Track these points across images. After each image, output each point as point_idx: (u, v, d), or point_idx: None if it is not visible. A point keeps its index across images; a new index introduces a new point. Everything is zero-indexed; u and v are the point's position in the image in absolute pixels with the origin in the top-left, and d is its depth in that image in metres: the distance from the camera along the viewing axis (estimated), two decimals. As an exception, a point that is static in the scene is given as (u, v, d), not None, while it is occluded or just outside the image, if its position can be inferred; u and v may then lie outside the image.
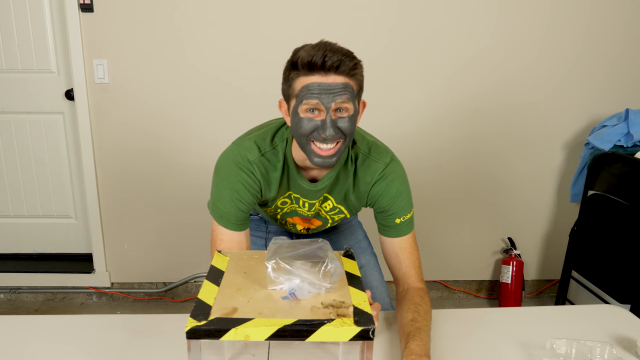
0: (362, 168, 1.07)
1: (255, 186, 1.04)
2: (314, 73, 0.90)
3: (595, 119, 2.29)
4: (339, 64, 0.89)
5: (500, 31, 2.17)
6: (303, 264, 0.84)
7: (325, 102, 0.90)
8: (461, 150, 2.31)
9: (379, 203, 1.08)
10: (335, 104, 0.91)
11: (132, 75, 2.17)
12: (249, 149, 1.03)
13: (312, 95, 0.90)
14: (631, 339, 1.01)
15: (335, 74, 0.90)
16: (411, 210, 1.09)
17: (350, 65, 0.90)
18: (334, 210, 1.14)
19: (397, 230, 1.08)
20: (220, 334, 0.73)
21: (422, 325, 0.94)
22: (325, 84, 0.90)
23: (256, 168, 1.03)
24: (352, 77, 0.92)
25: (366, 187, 1.07)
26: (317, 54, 0.89)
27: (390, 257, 1.11)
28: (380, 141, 1.12)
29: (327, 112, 0.91)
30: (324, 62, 0.89)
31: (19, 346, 0.95)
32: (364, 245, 1.35)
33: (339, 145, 0.95)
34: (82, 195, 2.42)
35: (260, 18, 2.11)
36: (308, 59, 0.89)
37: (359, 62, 0.94)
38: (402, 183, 1.07)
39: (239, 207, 1.04)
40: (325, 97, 0.90)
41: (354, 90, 0.93)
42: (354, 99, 0.93)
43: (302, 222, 1.21)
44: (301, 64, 0.90)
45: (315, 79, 0.90)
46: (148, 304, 2.44)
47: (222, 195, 1.04)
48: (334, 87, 0.90)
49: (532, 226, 2.46)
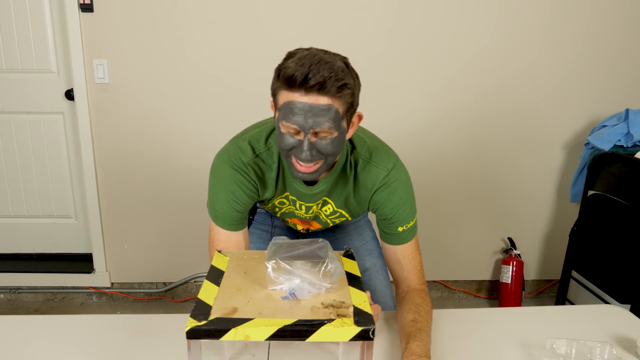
0: (362, 173, 1.03)
1: (251, 187, 1.03)
2: (295, 90, 0.83)
3: (595, 119, 2.29)
4: (321, 85, 0.81)
5: (500, 31, 2.17)
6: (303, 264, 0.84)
7: (304, 127, 0.84)
8: (461, 151, 2.31)
9: (381, 211, 1.05)
10: (314, 130, 0.84)
11: (132, 75, 2.17)
12: (243, 150, 1.01)
13: (292, 115, 0.84)
14: (631, 339, 1.01)
15: (317, 94, 0.82)
16: (414, 217, 1.06)
17: (335, 86, 0.82)
18: (335, 214, 1.12)
19: (399, 238, 1.06)
20: (220, 334, 0.73)
21: (422, 325, 0.94)
22: (306, 105, 0.82)
23: (250, 169, 1.01)
24: (339, 98, 0.84)
25: (367, 193, 1.04)
26: (299, 70, 0.81)
27: (392, 263, 1.10)
28: (383, 143, 1.08)
29: (305, 135, 0.85)
30: (306, 81, 0.81)
31: (19, 346, 0.95)
32: (370, 247, 1.32)
33: (319, 165, 0.91)
34: (82, 195, 2.42)
35: (261, 18, 2.11)
36: (289, 74, 0.82)
37: (348, 82, 0.84)
38: (405, 191, 1.03)
39: (234, 208, 1.04)
40: (304, 120, 0.83)
41: (339, 112, 0.85)
42: (338, 122, 0.86)
43: (301, 223, 1.20)
44: (282, 78, 0.83)
45: (296, 97, 0.83)
46: (148, 304, 2.44)
47: (218, 197, 1.03)
48: (315, 109, 0.82)
49: (532, 226, 2.46)
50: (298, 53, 0.85)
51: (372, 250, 1.32)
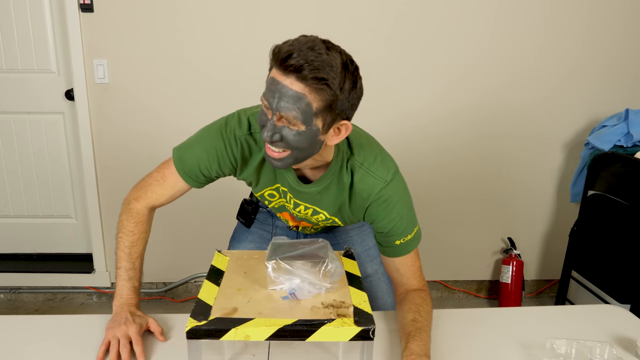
0: (360, 183, 0.98)
1: (227, 161, 1.02)
2: (277, 68, 0.80)
3: (595, 119, 2.29)
4: (298, 68, 0.77)
5: (499, 32, 2.17)
6: (303, 264, 0.84)
7: (271, 105, 0.81)
8: (461, 151, 2.31)
9: (378, 224, 1.01)
10: (279, 114, 0.81)
11: (132, 75, 2.17)
12: (242, 123, 1.01)
13: (267, 91, 0.82)
14: (631, 339, 1.01)
15: (294, 79, 0.78)
16: (413, 230, 1.01)
17: (312, 75, 0.77)
18: (327, 220, 1.09)
19: (397, 251, 1.03)
20: (220, 334, 0.73)
21: (423, 325, 0.93)
22: (280, 85, 0.79)
23: (238, 145, 1.00)
24: (315, 91, 0.79)
25: (363, 203, 1.00)
26: (286, 49, 0.78)
27: (391, 271, 1.07)
28: (385, 152, 1.02)
29: (272, 114, 0.83)
30: (286, 59, 0.78)
31: (19, 346, 0.95)
32: (373, 253, 1.29)
33: (286, 155, 0.87)
34: (82, 195, 2.42)
35: (261, 18, 2.11)
36: (277, 49, 0.80)
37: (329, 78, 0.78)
38: (403, 205, 0.99)
39: (199, 166, 1.04)
40: (272, 98, 0.81)
41: (311, 106, 0.80)
42: (308, 117, 0.80)
43: (291, 220, 1.18)
44: (271, 53, 0.81)
45: (276, 74, 0.80)
46: (148, 304, 2.44)
47: (193, 147, 1.06)
48: (286, 92, 0.79)
49: (532, 226, 2.46)
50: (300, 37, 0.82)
51: (375, 256, 1.29)
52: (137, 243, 1.10)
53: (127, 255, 1.06)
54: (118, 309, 0.99)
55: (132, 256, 1.07)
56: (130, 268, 1.04)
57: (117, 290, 1.02)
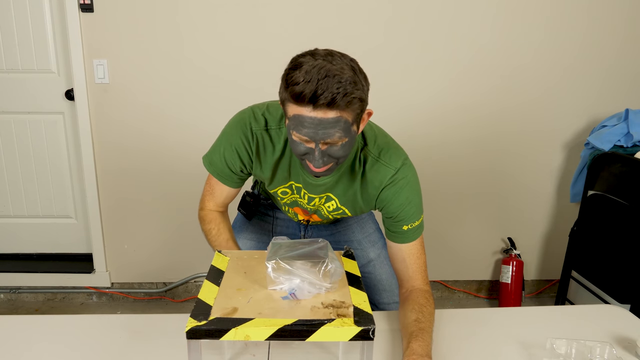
0: (371, 172, 1.04)
1: (245, 154, 1.05)
2: (304, 105, 0.83)
3: (595, 119, 2.29)
4: (331, 102, 0.81)
5: (498, 31, 2.17)
6: (303, 264, 0.84)
7: (314, 138, 0.86)
8: (461, 150, 2.31)
9: (387, 209, 1.06)
10: (323, 141, 0.86)
11: (132, 75, 2.17)
12: (258, 119, 1.04)
13: (302, 128, 0.85)
14: (631, 339, 1.01)
15: (327, 109, 0.83)
16: (420, 217, 1.06)
17: (345, 101, 0.82)
18: (337, 210, 1.13)
19: (404, 237, 1.06)
20: (220, 334, 0.73)
21: (425, 326, 0.94)
22: (315, 119, 0.83)
23: (254, 138, 1.04)
24: (350, 108, 0.84)
25: (375, 191, 1.05)
26: (307, 87, 0.81)
27: (397, 261, 1.09)
28: (394, 142, 1.09)
29: (316, 144, 0.87)
30: (315, 98, 0.81)
31: (19, 346, 0.95)
32: (374, 238, 1.33)
33: (331, 165, 0.93)
34: (82, 195, 2.42)
35: (260, 16, 2.11)
36: (298, 91, 0.81)
37: (356, 95, 0.84)
38: (412, 190, 1.04)
39: (227, 165, 1.08)
40: (314, 132, 0.85)
41: (348, 121, 0.86)
42: (348, 130, 0.87)
43: (302, 214, 1.21)
44: (291, 94, 0.83)
45: (304, 111, 0.84)
46: (148, 304, 2.44)
47: (217, 149, 1.09)
48: (325, 122, 0.84)
49: (532, 226, 2.46)
50: (304, 64, 0.83)
51: (376, 241, 1.33)
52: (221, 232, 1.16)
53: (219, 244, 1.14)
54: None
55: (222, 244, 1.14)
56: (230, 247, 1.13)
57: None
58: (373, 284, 1.30)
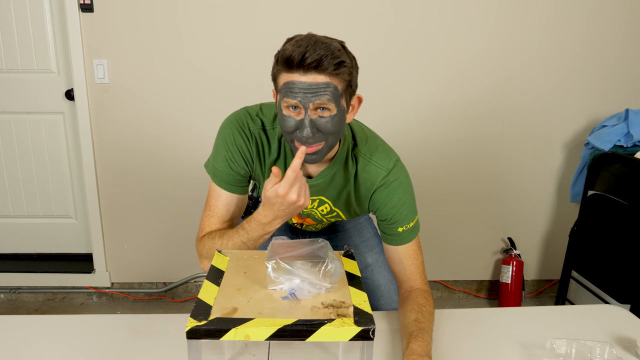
0: (363, 172, 1.04)
1: (248, 154, 1.04)
2: (294, 71, 0.87)
3: (595, 119, 2.29)
4: (318, 63, 0.85)
5: (498, 31, 2.17)
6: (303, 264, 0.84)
7: (304, 102, 0.87)
8: (461, 150, 2.31)
9: (380, 211, 1.05)
10: (314, 104, 0.87)
11: (132, 75, 2.17)
12: (253, 119, 1.04)
13: (291, 93, 0.87)
14: (631, 339, 1.01)
15: (316, 73, 0.86)
16: (414, 218, 1.06)
17: (332, 64, 0.86)
18: (332, 213, 1.12)
19: (400, 239, 1.06)
20: (220, 334, 0.73)
21: (425, 326, 0.94)
22: (304, 83, 0.86)
23: (253, 138, 1.03)
24: (336, 75, 0.88)
25: (367, 192, 1.05)
26: (296, 51, 0.85)
27: (394, 263, 1.09)
28: (385, 144, 1.09)
29: (305, 112, 0.88)
30: (303, 60, 0.85)
31: (19, 346, 0.95)
32: (371, 243, 1.32)
33: (321, 146, 0.93)
34: (82, 195, 2.42)
35: (261, 17, 2.11)
36: (287, 55, 0.86)
37: (345, 60, 0.88)
38: (404, 191, 1.04)
39: (231, 167, 1.05)
40: (304, 96, 0.87)
41: (337, 89, 0.88)
42: (337, 99, 0.89)
43: (296, 217, 1.20)
44: (281, 60, 0.87)
45: (294, 77, 0.87)
46: (148, 304, 2.44)
47: (218, 154, 1.05)
48: (314, 86, 0.86)
49: (532, 226, 2.46)
50: (296, 37, 0.89)
51: (374, 246, 1.32)
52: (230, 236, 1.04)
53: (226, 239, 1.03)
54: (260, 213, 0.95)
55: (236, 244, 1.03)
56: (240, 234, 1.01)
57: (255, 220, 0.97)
58: (371, 289, 1.29)
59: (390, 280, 1.28)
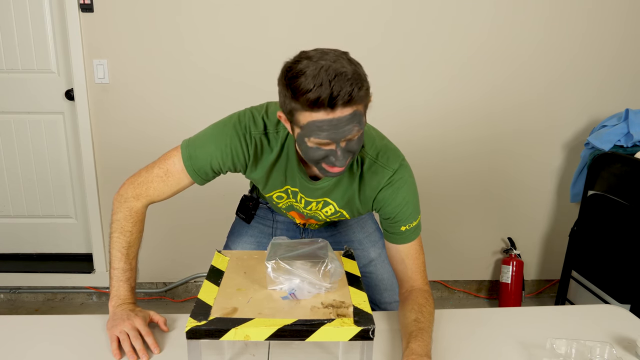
0: (368, 173, 1.03)
1: (241, 158, 1.02)
2: (320, 109, 0.81)
3: (595, 119, 2.29)
4: (349, 100, 0.81)
5: (498, 31, 2.17)
6: (303, 264, 0.84)
7: (335, 138, 0.84)
8: (461, 150, 2.31)
9: (384, 210, 1.05)
10: (344, 139, 0.85)
11: (132, 75, 2.17)
12: (257, 122, 1.01)
13: (320, 132, 0.84)
14: (631, 339, 1.01)
15: (343, 107, 0.82)
16: (417, 217, 1.06)
17: (360, 95, 0.82)
18: (336, 214, 1.12)
19: (402, 238, 1.06)
20: (220, 334, 0.73)
21: (425, 326, 0.94)
22: (334, 120, 0.82)
23: (252, 142, 1.01)
24: (361, 101, 0.85)
25: (372, 192, 1.04)
26: (321, 91, 0.79)
27: (396, 262, 1.09)
28: (391, 144, 1.08)
29: (337, 144, 0.86)
30: (333, 101, 0.80)
31: (19, 346, 0.95)
32: (374, 238, 1.33)
33: (349, 160, 0.92)
34: (82, 195, 2.42)
35: (262, 17, 2.11)
36: (312, 98, 0.80)
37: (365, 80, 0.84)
38: (409, 190, 1.04)
39: (211, 163, 1.02)
40: (335, 133, 0.84)
41: (361, 112, 0.86)
42: (361, 121, 0.87)
43: (299, 217, 1.20)
44: (304, 101, 0.81)
45: (321, 115, 0.82)
46: (148, 304, 2.44)
47: (206, 145, 1.02)
48: (343, 121, 0.83)
49: (532, 226, 2.46)
50: (307, 70, 0.81)
51: (377, 241, 1.33)
52: (134, 243, 1.08)
53: (124, 256, 1.05)
54: (116, 308, 0.99)
55: (129, 257, 1.06)
56: (127, 269, 1.05)
57: (114, 292, 1.02)
58: (375, 283, 1.30)
59: (393, 274, 1.28)
